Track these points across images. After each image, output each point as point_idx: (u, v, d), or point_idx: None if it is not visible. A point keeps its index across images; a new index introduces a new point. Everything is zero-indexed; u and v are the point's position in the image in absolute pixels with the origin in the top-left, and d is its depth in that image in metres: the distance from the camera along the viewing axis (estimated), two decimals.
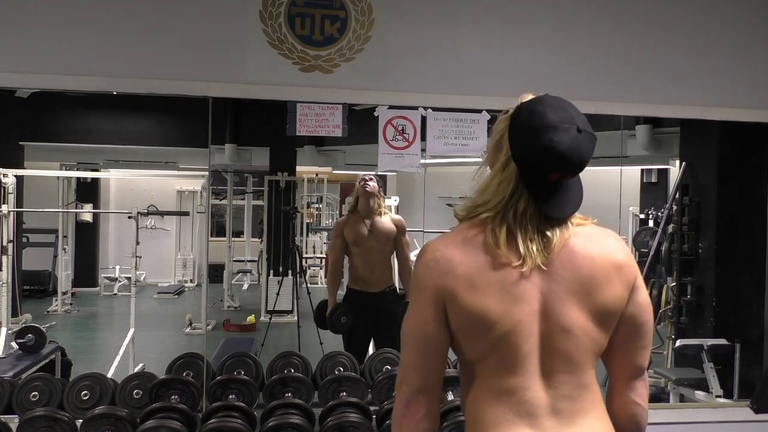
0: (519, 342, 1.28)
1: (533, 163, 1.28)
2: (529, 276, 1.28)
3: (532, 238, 1.29)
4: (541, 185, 1.29)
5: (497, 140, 1.36)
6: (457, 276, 1.29)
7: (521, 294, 1.28)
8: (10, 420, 2.82)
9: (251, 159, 7.87)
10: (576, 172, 1.31)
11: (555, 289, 1.29)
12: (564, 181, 1.30)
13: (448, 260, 1.30)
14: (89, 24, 2.86)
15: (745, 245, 4.53)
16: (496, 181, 1.33)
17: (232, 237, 9.12)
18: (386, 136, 3.21)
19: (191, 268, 10.90)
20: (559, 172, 1.27)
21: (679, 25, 3.25)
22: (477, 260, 1.29)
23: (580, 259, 1.31)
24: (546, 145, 1.25)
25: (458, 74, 3.09)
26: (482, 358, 1.31)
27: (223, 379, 3.10)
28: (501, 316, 1.27)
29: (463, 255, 1.30)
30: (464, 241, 1.32)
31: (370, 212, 3.90)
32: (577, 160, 1.27)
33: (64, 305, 8.29)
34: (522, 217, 1.30)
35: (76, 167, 9.77)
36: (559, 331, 1.29)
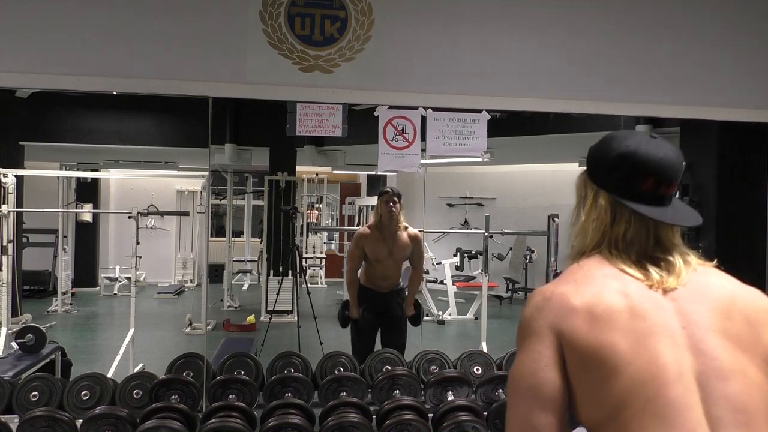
0: (662, 382, 1.01)
1: (620, 175, 1.15)
2: (660, 300, 1.09)
3: (642, 261, 1.14)
4: (639, 198, 1.15)
5: (580, 191, 1.24)
6: (574, 310, 1.08)
7: (654, 321, 1.06)
8: (10, 420, 2.82)
9: (251, 159, 7.88)
10: (669, 177, 1.15)
11: (698, 320, 1.07)
12: (662, 194, 1.15)
13: (561, 295, 1.11)
14: (89, 24, 2.87)
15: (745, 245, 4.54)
16: (591, 217, 1.19)
17: (232, 237, 9.12)
18: (386, 136, 3.21)
19: (191, 268, 10.90)
20: (651, 176, 1.14)
21: (679, 25, 3.25)
22: (595, 290, 1.10)
23: (720, 291, 1.12)
24: (622, 152, 1.15)
25: (458, 74, 3.09)
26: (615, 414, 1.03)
27: (223, 379, 3.10)
28: (631, 349, 1.03)
29: (579, 288, 1.11)
30: (577, 277, 1.14)
31: (392, 230, 3.97)
32: (664, 158, 1.14)
33: (64, 305, 8.30)
34: (623, 241, 1.15)
35: (76, 167, 9.77)
36: (717, 369, 1.03)
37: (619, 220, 1.16)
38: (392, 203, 3.94)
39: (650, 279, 1.11)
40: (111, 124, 7.63)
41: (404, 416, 2.73)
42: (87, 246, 10.29)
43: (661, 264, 1.14)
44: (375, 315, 4.01)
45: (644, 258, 1.14)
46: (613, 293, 1.08)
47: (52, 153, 9.02)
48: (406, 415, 2.74)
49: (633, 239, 1.15)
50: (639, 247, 1.15)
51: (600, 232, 1.18)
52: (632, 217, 1.15)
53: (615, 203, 1.16)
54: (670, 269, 1.13)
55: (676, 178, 1.16)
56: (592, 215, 1.19)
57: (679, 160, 1.16)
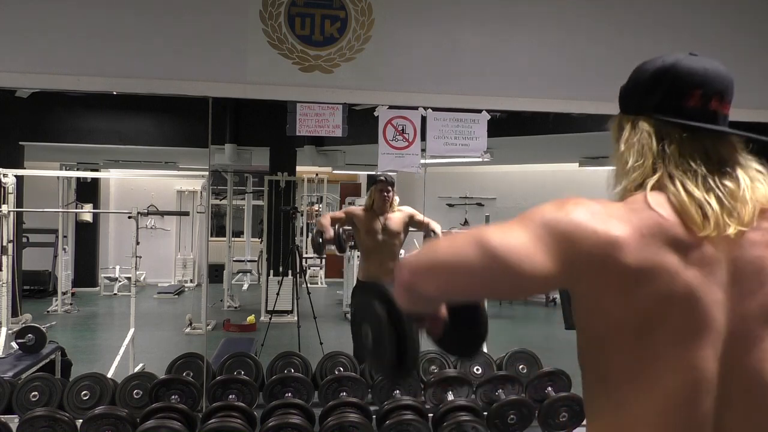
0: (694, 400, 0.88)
1: (663, 93, 0.97)
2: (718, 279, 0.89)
3: (706, 184, 0.92)
4: (687, 115, 0.96)
5: (615, 131, 1.04)
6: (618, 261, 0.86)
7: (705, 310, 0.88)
8: (10, 420, 2.82)
9: (251, 159, 7.87)
10: (718, 89, 0.97)
11: (750, 316, 0.89)
12: (713, 110, 0.97)
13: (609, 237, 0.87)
14: (89, 24, 2.87)
15: None
16: (633, 141, 0.98)
17: (232, 237, 9.12)
18: (386, 136, 3.21)
19: (191, 268, 10.89)
20: (697, 88, 0.96)
21: (679, 25, 3.25)
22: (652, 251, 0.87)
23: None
24: (659, 67, 0.99)
25: (458, 74, 3.09)
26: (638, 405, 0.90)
27: (223, 379, 3.10)
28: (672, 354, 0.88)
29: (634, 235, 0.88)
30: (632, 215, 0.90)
31: (385, 211, 3.97)
32: (710, 68, 0.98)
33: (64, 305, 8.29)
34: (682, 160, 0.94)
35: (76, 167, 9.77)
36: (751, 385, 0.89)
37: (669, 141, 0.96)
38: (386, 192, 3.96)
39: (709, 221, 0.89)
40: (111, 124, 7.63)
41: (404, 416, 2.73)
42: (87, 246, 10.28)
43: (724, 193, 0.92)
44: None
45: (708, 182, 0.92)
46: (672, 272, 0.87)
47: (52, 153, 9.02)
48: (406, 415, 2.74)
49: (692, 158, 0.94)
50: (704, 168, 0.93)
51: (651, 156, 0.96)
52: (683, 138, 0.95)
53: (659, 126, 0.97)
54: (734, 197, 0.91)
55: (728, 91, 0.99)
56: (633, 139, 0.98)
57: (727, 72, 1.00)
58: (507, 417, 2.91)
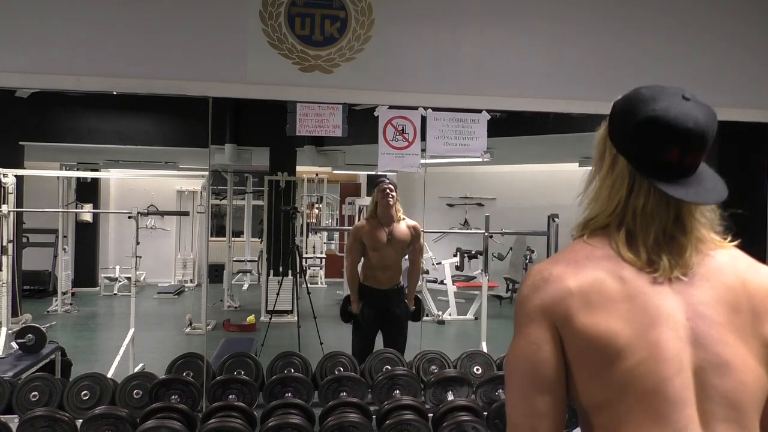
0: (663, 376, 0.99)
1: (642, 144, 1.05)
2: (666, 290, 1.03)
3: (658, 241, 1.05)
4: (661, 171, 1.05)
5: (600, 148, 1.14)
6: (570, 293, 1.03)
7: (657, 311, 1.02)
8: (10, 420, 2.82)
9: (251, 159, 7.88)
10: (697, 146, 1.04)
11: (703, 312, 1.03)
12: (689, 163, 1.05)
13: (558, 277, 1.05)
14: (89, 24, 2.87)
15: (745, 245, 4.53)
16: (607, 183, 1.10)
17: (232, 237, 9.12)
18: (386, 136, 3.21)
19: (191, 268, 10.90)
20: (676, 146, 1.03)
21: (679, 25, 3.25)
22: (594, 274, 1.04)
23: (731, 279, 1.07)
24: (648, 116, 1.03)
25: (458, 74, 3.09)
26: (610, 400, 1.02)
27: (223, 379, 3.10)
28: (633, 340, 1.00)
29: (577, 270, 1.05)
30: (578, 257, 1.08)
31: (390, 220, 3.97)
32: (693, 128, 1.02)
33: (64, 305, 8.29)
34: (642, 216, 1.06)
35: (76, 167, 9.77)
36: (717, 365, 1.01)
37: (638, 192, 1.06)
38: (389, 191, 3.96)
39: (657, 268, 1.04)
40: (111, 124, 7.63)
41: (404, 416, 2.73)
42: (87, 246, 10.28)
43: (674, 248, 1.05)
44: (375, 314, 4.00)
45: (662, 238, 1.05)
46: (614, 280, 1.03)
47: (52, 153, 9.02)
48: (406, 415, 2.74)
49: (653, 214, 1.05)
50: (658, 225, 1.06)
51: (615, 202, 1.08)
52: (652, 191, 1.05)
53: (634, 173, 1.07)
54: (681, 254, 1.05)
55: (704, 146, 1.05)
56: (608, 181, 1.10)
57: (710, 126, 1.05)
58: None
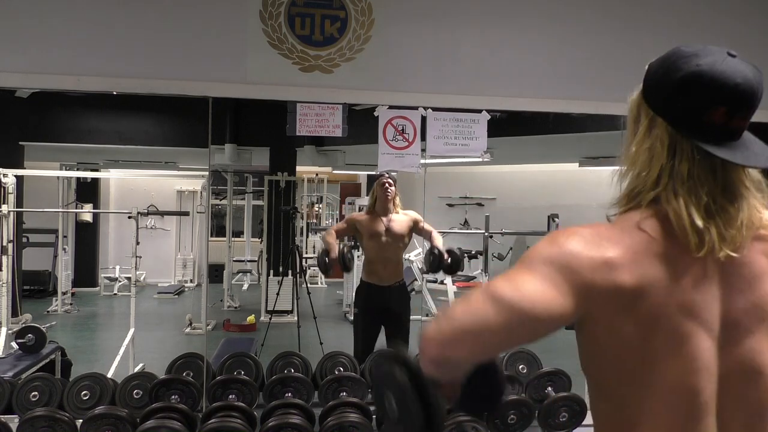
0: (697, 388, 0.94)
1: (685, 103, 0.94)
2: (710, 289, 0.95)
3: (710, 211, 0.94)
4: (704, 133, 0.94)
5: (634, 112, 1.04)
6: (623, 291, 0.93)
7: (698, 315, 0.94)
8: (10, 420, 2.82)
9: (251, 159, 7.87)
10: (746, 106, 0.95)
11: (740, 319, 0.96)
12: (735, 126, 0.96)
13: (613, 267, 0.93)
14: (89, 24, 2.87)
15: None
16: (645, 146, 0.98)
17: (232, 237, 9.12)
18: (386, 136, 3.21)
19: (191, 268, 10.89)
20: (723, 105, 0.94)
21: (679, 25, 3.25)
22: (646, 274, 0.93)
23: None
24: (691, 71, 0.94)
25: (458, 74, 3.09)
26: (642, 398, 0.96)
27: (223, 379, 3.10)
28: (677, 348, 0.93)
29: (633, 266, 0.93)
30: (636, 248, 0.95)
31: (387, 211, 3.97)
32: (742, 83, 0.94)
33: (64, 305, 8.29)
34: (689, 182, 0.94)
35: (76, 167, 9.77)
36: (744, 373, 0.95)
37: (680, 157, 0.96)
38: (388, 185, 3.97)
39: (704, 245, 0.93)
40: (111, 124, 7.62)
41: None
42: (87, 246, 10.28)
43: (723, 218, 0.95)
44: (377, 312, 3.99)
45: (712, 206, 0.94)
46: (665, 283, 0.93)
47: (52, 153, 9.01)
48: None
49: (698, 182, 0.95)
50: (708, 192, 0.95)
51: (657, 168, 0.97)
52: (695, 154, 0.95)
53: (675, 134, 0.96)
54: (730, 224, 0.94)
55: (753, 106, 0.97)
56: (645, 144, 0.99)
57: (760, 85, 0.97)
58: (507, 417, 2.91)
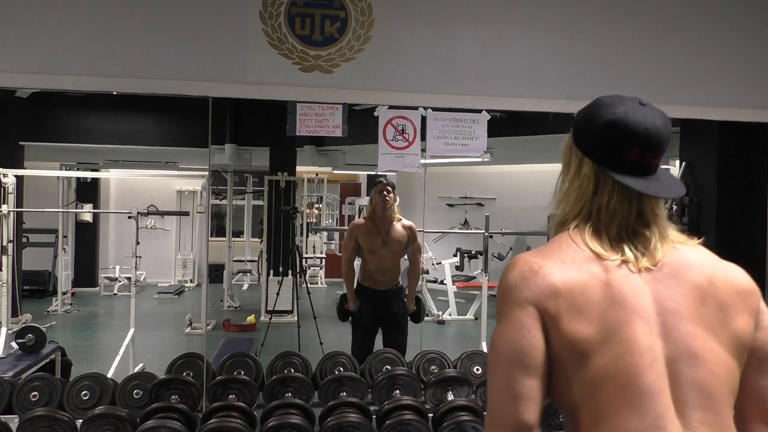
0: (639, 368, 1.04)
1: (605, 145, 1.14)
2: (639, 286, 1.09)
3: (621, 235, 1.13)
4: (623, 168, 1.13)
5: (566, 155, 1.23)
6: (559, 292, 1.08)
7: (633, 309, 1.07)
8: (10, 420, 2.82)
9: (251, 159, 7.88)
10: (655, 146, 1.13)
11: (672, 307, 1.08)
12: (648, 164, 1.14)
13: (548, 273, 1.09)
14: (89, 24, 2.87)
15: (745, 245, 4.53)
16: (574, 185, 1.18)
17: (232, 237, 9.12)
18: (386, 136, 3.21)
19: (191, 268, 10.90)
20: (637, 146, 1.12)
21: (679, 25, 3.25)
22: (580, 275, 1.09)
23: (697, 275, 1.11)
24: (609, 120, 1.14)
25: (458, 74, 3.09)
26: (590, 395, 1.06)
27: (223, 379, 3.10)
28: (610, 338, 1.05)
29: (565, 269, 1.10)
30: (564, 257, 1.12)
31: (386, 221, 3.98)
32: (650, 128, 1.13)
33: (64, 305, 8.29)
34: (606, 212, 1.13)
35: (76, 167, 9.77)
36: (687, 356, 1.06)
37: (602, 190, 1.14)
38: (386, 192, 3.96)
39: (625, 257, 1.11)
40: (111, 124, 7.63)
41: (404, 416, 2.73)
42: (87, 246, 10.28)
43: (638, 240, 1.13)
44: (375, 315, 3.99)
45: (624, 232, 1.13)
46: (595, 281, 1.08)
47: (52, 153, 9.02)
48: (406, 415, 2.74)
49: (615, 210, 1.13)
50: (621, 219, 1.13)
51: (582, 201, 1.16)
52: (615, 188, 1.14)
53: (599, 172, 1.15)
54: (646, 246, 1.12)
55: (662, 148, 1.15)
56: (575, 183, 1.18)
57: (667, 129, 1.16)
58: None
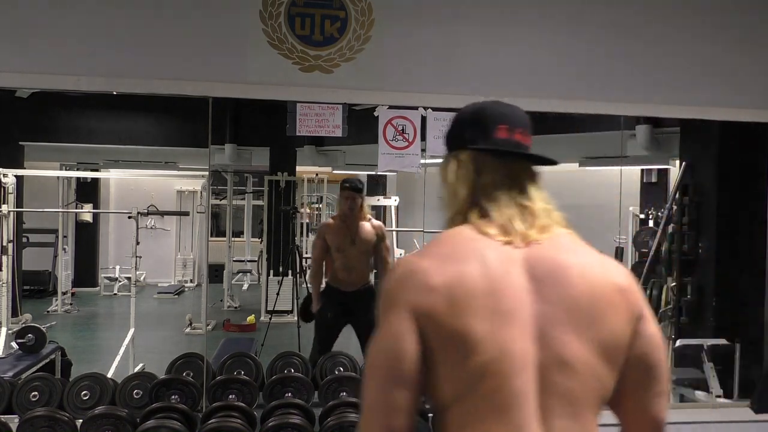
0: (509, 373, 1.04)
1: (476, 130, 1.21)
2: (518, 280, 1.08)
3: (509, 206, 1.15)
4: (497, 144, 1.19)
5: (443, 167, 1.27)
6: (433, 289, 1.07)
7: (511, 309, 1.06)
8: (10, 420, 2.82)
9: (251, 159, 7.88)
10: (520, 122, 1.22)
11: (548, 311, 1.08)
12: (519, 140, 1.21)
13: (424, 272, 1.08)
14: (89, 24, 2.87)
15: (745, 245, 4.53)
16: (459, 175, 1.21)
17: (232, 237, 9.12)
18: (386, 136, 3.21)
19: (191, 268, 10.89)
20: (504, 123, 1.20)
21: (679, 25, 3.25)
22: (459, 268, 1.08)
23: (575, 277, 1.10)
24: (475, 109, 1.24)
25: (458, 74, 3.09)
26: (461, 396, 1.06)
27: (223, 379, 3.10)
28: (487, 337, 1.04)
29: (443, 265, 1.09)
30: (443, 251, 1.13)
31: (355, 220, 3.96)
32: (509, 111, 1.23)
33: (64, 305, 8.29)
34: (493, 188, 1.17)
35: (76, 167, 9.77)
36: (558, 363, 1.06)
37: (484, 170, 1.18)
38: (351, 200, 3.94)
39: (514, 235, 1.12)
40: (111, 124, 7.62)
41: None
42: (87, 246, 10.28)
43: (525, 213, 1.15)
44: (337, 315, 3.98)
45: (512, 207, 1.15)
46: (476, 274, 1.07)
47: (52, 153, 9.01)
48: None
49: (501, 185, 1.17)
50: (507, 194, 1.16)
51: (468, 185, 1.19)
52: (496, 164, 1.18)
53: (477, 155, 1.19)
54: (534, 216, 1.15)
55: (525, 125, 1.22)
56: (455, 173, 1.21)
57: (523, 113, 1.25)
58: None
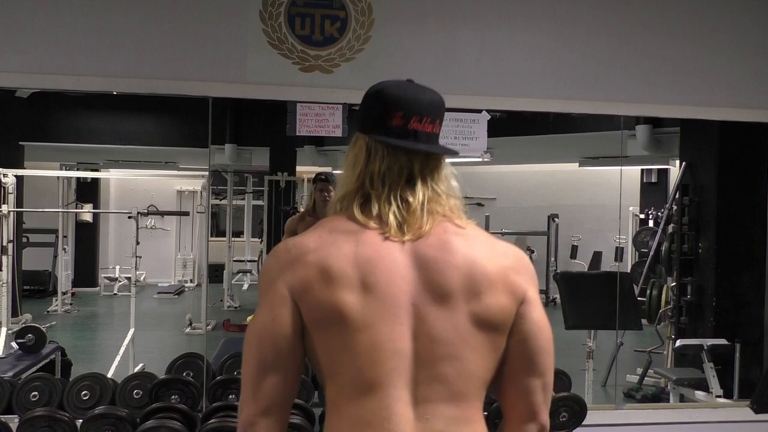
0: (380, 352, 1.04)
1: (371, 114, 1.17)
2: (398, 269, 1.07)
3: (390, 201, 1.12)
4: (390, 133, 1.15)
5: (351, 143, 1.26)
6: (308, 264, 1.07)
7: (386, 286, 1.06)
8: (10, 420, 2.82)
9: (251, 159, 7.88)
10: (417, 110, 1.16)
11: (427, 292, 1.07)
12: (415, 129, 1.15)
13: (300, 248, 1.10)
14: (89, 24, 2.87)
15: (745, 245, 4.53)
16: (350, 158, 1.20)
17: (232, 237, 9.12)
18: None
19: (191, 268, 10.89)
20: (399, 110, 1.14)
21: (679, 25, 3.25)
22: (335, 245, 1.08)
23: (459, 258, 1.09)
24: (374, 90, 1.20)
25: (458, 74, 3.09)
26: (335, 374, 1.07)
27: (223, 379, 3.10)
28: (357, 313, 1.05)
29: (319, 241, 1.10)
30: (322, 232, 1.13)
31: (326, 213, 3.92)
32: (410, 95, 1.16)
33: (64, 305, 8.28)
34: (377, 178, 1.14)
35: (76, 167, 9.76)
36: (433, 344, 1.05)
37: (374, 158, 1.15)
38: (327, 192, 3.86)
39: (387, 229, 1.10)
40: (111, 124, 7.62)
41: None
42: (87, 246, 10.27)
43: (405, 208, 1.12)
44: None
45: (393, 199, 1.12)
46: (350, 254, 1.07)
47: (52, 153, 9.01)
48: None
49: (385, 176, 1.14)
50: (390, 186, 1.13)
51: (357, 171, 1.16)
52: (385, 153, 1.15)
53: (370, 142, 1.17)
54: (411, 217, 1.11)
55: (425, 113, 1.16)
56: (350, 157, 1.20)
57: (431, 99, 1.19)
58: None
